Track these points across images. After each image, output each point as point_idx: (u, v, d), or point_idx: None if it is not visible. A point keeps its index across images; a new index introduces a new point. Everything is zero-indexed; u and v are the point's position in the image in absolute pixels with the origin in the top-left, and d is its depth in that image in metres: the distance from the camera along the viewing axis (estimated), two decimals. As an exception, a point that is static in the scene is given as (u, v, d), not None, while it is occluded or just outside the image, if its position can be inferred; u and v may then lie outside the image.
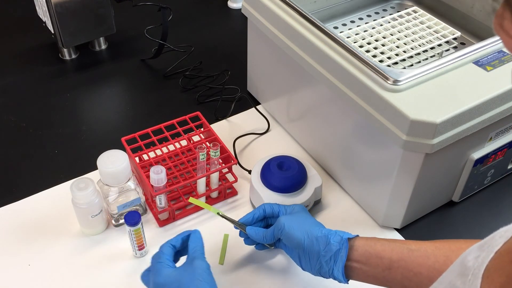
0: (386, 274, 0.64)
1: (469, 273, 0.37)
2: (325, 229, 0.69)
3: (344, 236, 0.67)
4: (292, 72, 0.89)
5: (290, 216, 0.72)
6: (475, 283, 0.36)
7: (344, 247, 0.65)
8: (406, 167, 0.73)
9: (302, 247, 0.68)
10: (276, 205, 0.76)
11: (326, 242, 0.66)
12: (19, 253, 0.79)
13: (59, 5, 1.04)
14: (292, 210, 0.75)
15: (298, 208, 0.75)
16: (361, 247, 0.65)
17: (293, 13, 0.84)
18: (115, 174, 0.76)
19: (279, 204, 0.76)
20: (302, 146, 0.96)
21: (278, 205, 0.76)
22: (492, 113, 0.72)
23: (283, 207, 0.75)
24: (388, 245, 0.65)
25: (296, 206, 0.76)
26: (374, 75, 0.72)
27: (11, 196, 0.87)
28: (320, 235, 0.67)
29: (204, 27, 1.27)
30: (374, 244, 0.65)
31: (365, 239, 0.67)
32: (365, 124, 0.76)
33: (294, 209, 0.75)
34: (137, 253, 0.78)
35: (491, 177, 0.86)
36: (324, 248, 0.66)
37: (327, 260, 0.66)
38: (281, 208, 0.75)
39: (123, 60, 1.17)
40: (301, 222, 0.71)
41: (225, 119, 1.02)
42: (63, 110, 1.04)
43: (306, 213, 0.74)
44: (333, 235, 0.67)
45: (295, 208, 0.75)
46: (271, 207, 0.75)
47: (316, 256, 0.67)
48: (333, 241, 0.66)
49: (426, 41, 0.96)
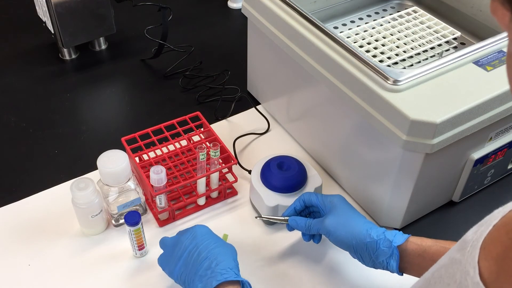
0: None
1: (468, 246, 0.38)
2: (374, 231, 0.68)
3: (394, 241, 0.66)
4: (292, 72, 0.89)
5: (334, 217, 0.71)
6: (473, 253, 0.37)
7: (394, 253, 0.66)
8: (406, 167, 0.73)
9: (352, 250, 0.69)
10: (314, 195, 0.75)
11: (375, 248, 0.67)
12: (19, 253, 0.79)
13: (59, 5, 1.04)
14: (331, 203, 0.73)
15: (336, 201, 0.73)
16: (414, 252, 0.65)
17: (293, 13, 0.84)
18: (115, 174, 0.76)
19: (317, 195, 0.75)
20: (302, 146, 0.96)
21: (316, 195, 0.75)
22: (492, 113, 0.72)
23: (321, 200, 0.74)
24: (443, 249, 0.64)
25: (334, 198, 0.73)
26: (374, 75, 0.72)
27: (11, 196, 0.87)
28: (369, 241, 0.67)
29: (204, 27, 1.27)
30: (429, 248, 0.65)
31: (418, 243, 0.66)
32: (365, 124, 0.76)
33: (332, 202, 0.73)
34: (137, 253, 0.78)
35: (491, 177, 0.86)
36: (374, 253, 0.67)
37: (380, 261, 0.67)
38: (319, 201, 0.74)
39: (123, 60, 1.17)
40: (347, 224, 0.70)
41: (225, 119, 1.02)
42: (63, 110, 1.04)
43: (347, 208, 0.72)
44: (382, 240, 0.67)
45: (333, 201, 0.73)
46: (310, 198, 0.75)
47: (368, 257, 0.68)
48: (383, 247, 0.66)
49: (426, 41, 0.96)
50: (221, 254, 0.65)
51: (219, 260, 0.65)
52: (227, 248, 0.68)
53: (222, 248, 0.67)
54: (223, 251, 0.66)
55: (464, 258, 0.38)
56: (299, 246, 0.80)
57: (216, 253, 0.65)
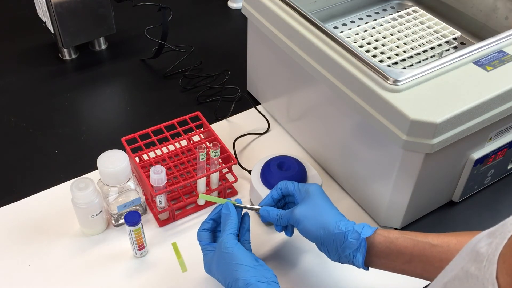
0: (405, 267, 0.64)
1: (483, 259, 0.37)
2: (342, 223, 0.67)
3: (362, 233, 0.65)
4: (292, 72, 0.89)
5: (305, 207, 0.70)
6: (491, 268, 0.36)
7: (362, 245, 0.65)
8: (406, 167, 0.73)
9: (319, 241, 0.68)
10: (291, 184, 0.74)
11: (343, 240, 0.66)
12: (19, 253, 0.79)
13: (59, 5, 1.04)
14: (306, 192, 0.72)
15: (312, 190, 0.72)
16: (381, 244, 0.65)
17: (293, 13, 0.84)
18: (115, 174, 0.76)
19: (294, 183, 0.74)
20: (302, 146, 0.96)
21: (293, 184, 0.74)
22: (492, 113, 0.72)
23: (297, 188, 0.73)
24: (410, 240, 0.64)
25: (310, 187, 0.73)
26: (374, 75, 0.72)
27: (11, 196, 0.87)
28: (337, 232, 0.66)
29: (204, 27, 1.27)
30: (396, 240, 0.64)
31: (385, 235, 0.65)
32: (365, 124, 0.76)
33: (307, 191, 0.72)
34: (137, 253, 0.78)
35: (491, 177, 0.86)
36: (341, 245, 0.66)
37: (346, 254, 0.66)
38: (295, 189, 0.74)
39: (123, 60, 1.17)
40: (317, 214, 0.69)
41: (225, 119, 1.02)
42: (63, 110, 1.04)
43: (320, 198, 0.71)
44: (350, 232, 0.66)
45: (309, 190, 0.72)
46: (286, 187, 0.74)
47: (334, 249, 0.67)
48: (351, 239, 0.65)
49: (426, 41, 0.96)
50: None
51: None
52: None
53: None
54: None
55: (481, 274, 0.37)
56: (299, 246, 0.80)
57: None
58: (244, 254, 0.66)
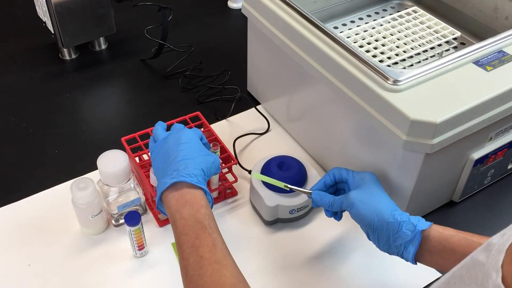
0: (455, 265, 0.64)
1: (493, 249, 0.37)
2: (398, 213, 0.66)
3: (418, 226, 0.65)
4: (292, 72, 0.89)
5: (361, 192, 0.70)
6: (498, 257, 0.36)
7: (416, 238, 0.64)
8: (406, 167, 0.73)
9: (371, 228, 0.67)
10: (345, 170, 0.74)
11: (397, 229, 0.65)
12: (19, 253, 0.79)
13: (59, 5, 1.04)
14: (362, 179, 0.72)
15: (367, 177, 0.72)
16: (435, 239, 0.64)
17: (293, 13, 0.84)
18: (115, 174, 0.76)
19: (348, 170, 0.74)
20: (302, 146, 0.96)
21: (347, 171, 0.74)
22: (492, 113, 0.72)
23: (351, 175, 0.73)
24: (465, 240, 0.63)
25: (365, 175, 0.73)
26: (374, 75, 0.72)
27: (11, 196, 0.87)
28: (392, 221, 0.66)
29: (204, 27, 1.27)
30: (451, 237, 0.64)
31: (440, 231, 0.65)
32: (365, 124, 0.76)
33: (363, 178, 0.72)
34: (137, 253, 0.78)
35: (491, 177, 0.86)
36: (394, 235, 0.65)
37: (397, 245, 0.65)
38: (349, 176, 0.73)
39: (123, 60, 1.17)
40: (372, 200, 0.68)
41: (225, 119, 1.02)
42: (63, 110, 1.04)
43: (376, 186, 0.71)
44: (405, 223, 0.65)
45: (364, 177, 0.72)
46: (340, 173, 0.74)
47: (385, 238, 0.66)
48: (406, 230, 0.65)
49: (426, 41, 0.96)
50: (192, 162, 0.67)
51: (187, 165, 0.66)
52: (202, 158, 0.68)
53: (199, 158, 0.68)
54: (198, 161, 0.67)
55: (488, 261, 0.37)
56: (299, 246, 0.80)
57: (188, 160, 0.67)
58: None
